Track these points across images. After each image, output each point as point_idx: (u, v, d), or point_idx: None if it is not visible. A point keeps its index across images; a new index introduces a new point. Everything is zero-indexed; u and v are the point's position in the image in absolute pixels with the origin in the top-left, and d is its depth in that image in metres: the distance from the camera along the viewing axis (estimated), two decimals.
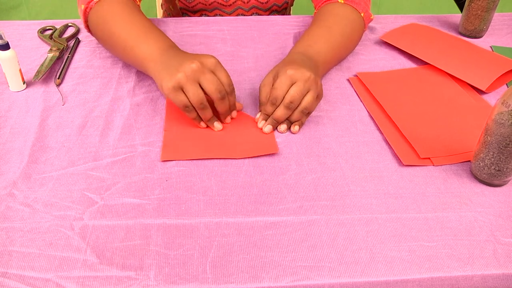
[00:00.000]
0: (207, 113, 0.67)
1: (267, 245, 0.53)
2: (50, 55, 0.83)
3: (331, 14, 0.85)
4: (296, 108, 0.68)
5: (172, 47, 0.73)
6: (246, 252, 0.52)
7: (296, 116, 0.69)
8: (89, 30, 0.84)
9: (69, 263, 0.51)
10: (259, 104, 0.73)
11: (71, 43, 0.89)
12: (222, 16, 1.04)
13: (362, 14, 0.86)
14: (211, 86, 0.65)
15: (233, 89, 0.69)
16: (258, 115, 0.71)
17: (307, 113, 0.70)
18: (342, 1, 0.86)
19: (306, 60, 0.73)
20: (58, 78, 0.79)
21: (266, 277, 0.50)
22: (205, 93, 0.66)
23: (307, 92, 0.68)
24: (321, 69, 0.76)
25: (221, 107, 0.68)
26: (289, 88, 0.67)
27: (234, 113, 0.72)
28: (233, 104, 0.70)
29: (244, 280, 0.50)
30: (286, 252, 0.53)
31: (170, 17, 1.10)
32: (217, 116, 0.70)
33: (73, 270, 0.50)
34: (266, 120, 0.70)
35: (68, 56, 0.85)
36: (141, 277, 0.49)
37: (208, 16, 1.04)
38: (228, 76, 0.68)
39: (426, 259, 0.52)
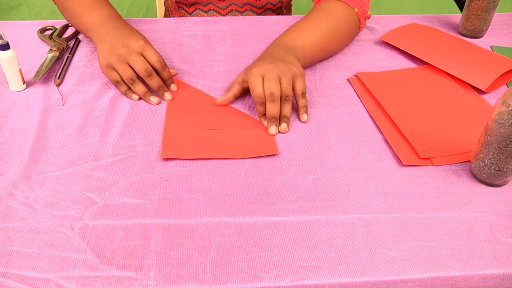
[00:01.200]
0: (139, 88, 0.75)
1: (267, 245, 0.53)
2: (50, 55, 0.83)
3: (320, 9, 0.87)
4: (286, 99, 0.70)
5: (111, 17, 0.81)
6: (246, 252, 0.52)
7: (287, 107, 0.71)
8: None
9: (69, 263, 0.51)
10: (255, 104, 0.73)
11: (71, 43, 0.89)
12: (216, 11, 1.04)
13: (356, 10, 0.86)
14: (137, 66, 0.73)
15: (165, 64, 0.75)
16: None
17: (300, 93, 0.72)
18: None
19: (277, 50, 0.77)
20: (58, 78, 0.79)
21: (266, 277, 0.50)
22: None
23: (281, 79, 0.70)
24: (300, 52, 0.78)
25: (151, 83, 0.74)
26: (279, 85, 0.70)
27: (173, 87, 0.77)
28: (168, 78, 0.76)
29: (244, 280, 0.50)
30: (286, 252, 0.53)
31: (169, 11, 1.11)
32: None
33: (73, 270, 0.50)
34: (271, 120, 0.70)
35: (68, 56, 0.85)
36: (141, 277, 0.49)
37: (202, 10, 1.05)
38: (157, 54, 0.74)
39: (426, 259, 0.52)
